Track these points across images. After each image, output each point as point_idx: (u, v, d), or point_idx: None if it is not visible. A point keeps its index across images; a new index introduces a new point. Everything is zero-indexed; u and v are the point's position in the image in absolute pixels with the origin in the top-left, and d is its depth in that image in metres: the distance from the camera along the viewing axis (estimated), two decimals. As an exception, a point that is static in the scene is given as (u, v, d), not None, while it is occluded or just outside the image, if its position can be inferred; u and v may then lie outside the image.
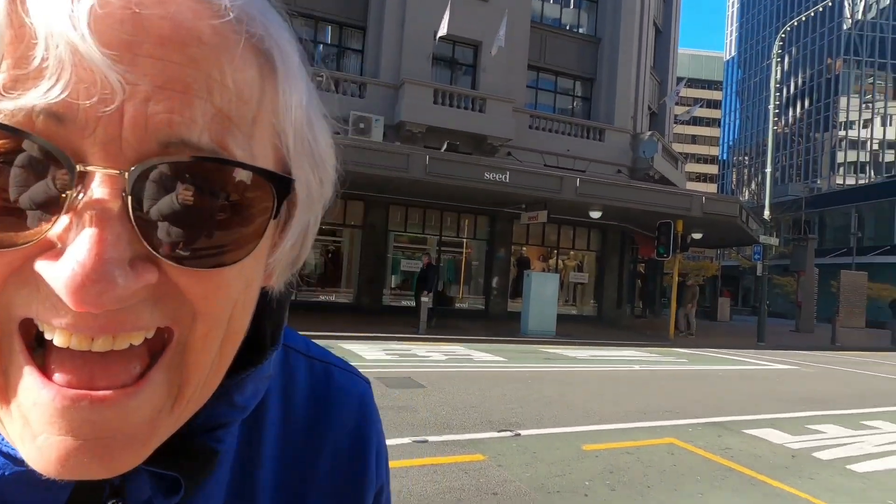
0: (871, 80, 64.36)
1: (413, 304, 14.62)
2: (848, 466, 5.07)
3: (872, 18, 64.19)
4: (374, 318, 14.78)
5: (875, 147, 64.35)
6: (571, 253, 20.55)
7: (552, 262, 19.89)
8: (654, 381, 9.07)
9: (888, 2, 63.39)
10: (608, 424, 5.90)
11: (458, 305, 18.45)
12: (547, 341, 13.34)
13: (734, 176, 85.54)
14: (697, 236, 19.10)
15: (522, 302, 14.68)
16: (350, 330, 12.09)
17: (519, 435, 5.27)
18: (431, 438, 4.92)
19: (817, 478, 4.72)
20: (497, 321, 16.90)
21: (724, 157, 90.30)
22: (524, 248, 19.67)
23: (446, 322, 15.25)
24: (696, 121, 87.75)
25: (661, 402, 7.28)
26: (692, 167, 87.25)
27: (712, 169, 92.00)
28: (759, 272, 17.97)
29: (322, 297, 16.80)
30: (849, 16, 64.53)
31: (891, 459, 5.37)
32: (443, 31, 16.00)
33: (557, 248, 19.92)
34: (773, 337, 18.71)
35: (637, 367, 10.36)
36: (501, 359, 10.17)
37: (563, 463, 4.56)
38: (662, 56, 24.95)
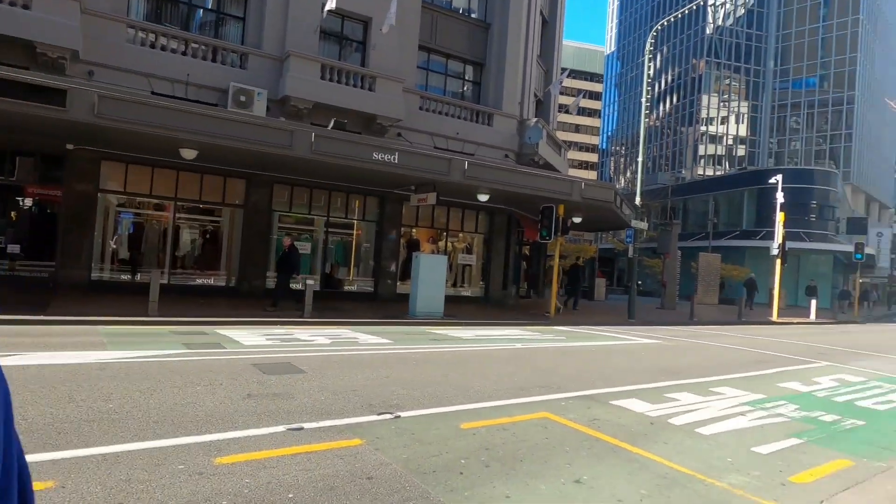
0: (727, 81, 71.20)
1: (299, 287, 14.15)
2: (697, 430, 5.59)
3: (730, 25, 70.82)
4: (256, 302, 14.14)
5: (730, 142, 71.50)
6: (460, 235, 20.91)
7: (441, 243, 20.13)
8: (534, 358, 9.47)
9: (742, 11, 70.25)
10: (487, 402, 6.05)
11: (347, 288, 18.16)
12: (435, 322, 13.50)
13: (612, 164, 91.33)
14: (578, 220, 20.17)
15: (411, 284, 14.72)
16: (229, 315, 11.47)
17: (399, 417, 5.25)
18: (308, 425, 4.76)
19: (671, 441, 5.15)
20: (386, 303, 16.85)
21: (604, 147, 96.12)
22: (414, 230, 19.72)
23: (334, 305, 14.95)
24: (580, 111, 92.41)
25: (538, 378, 7.61)
26: (575, 155, 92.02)
27: (593, 157, 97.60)
28: (630, 254, 19.33)
29: (199, 281, 15.80)
30: (711, 21, 70.72)
31: (733, 421, 5.99)
32: (331, 4, 15.41)
33: (447, 230, 20.18)
34: (642, 314, 20.30)
35: (519, 346, 10.77)
36: (388, 341, 10.13)
37: (440, 442, 4.60)
38: (548, 46, 25.86)
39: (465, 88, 21.79)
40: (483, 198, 16.94)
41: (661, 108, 78.28)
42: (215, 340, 8.87)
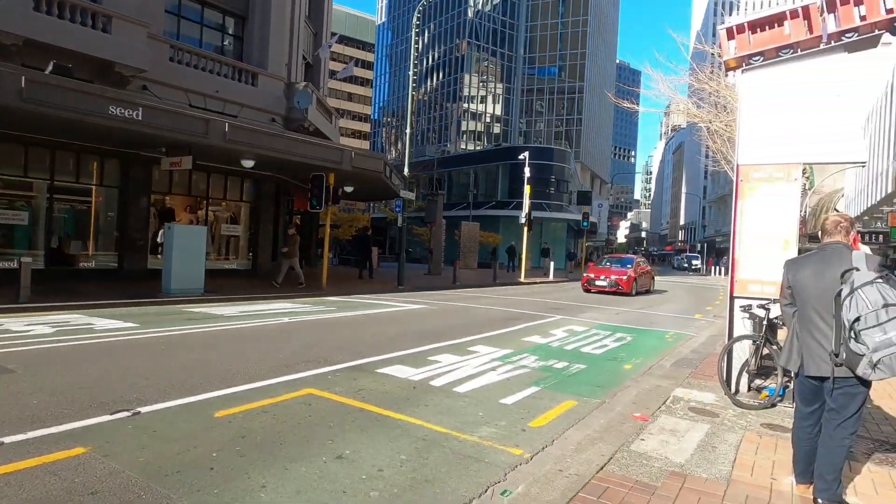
0: (486, 63, 77.48)
1: (12, 265, 11.58)
2: (454, 389, 5.98)
3: (489, 11, 76.83)
4: (-51, 286, 11.22)
5: (488, 120, 78.36)
6: (224, 204, 19.30)
7: (202, 213, 18.34)
8: (302, 332, 9.20)
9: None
10: (247, 384, 5.65)
11: (83, 265, 15.46)
12: (193, 300, 12.28)
13: (384, 135, 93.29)
14: (349, 189, 20.12)
15: (163, 258, 13.14)
16: None
17: (139, 414, 4.58)
18: (9, 439, 3.87)
19: (431, 403, 5.41)
20: (135, 282, 14.80)
21: (376, 117, 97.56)
22: (168, 198, 17.60)
23: (65, 286, 12.64)
24: (352, 79, 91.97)
25: (305, 353, 7.39)
26: (348, 123, 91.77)
27: (366, 127, 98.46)
28: (399, 223, 19.98)
29: None
30: (472, 4, 75.83)
31: (485, 377, 6.55)
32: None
33: (207, 198, 18.43)
34: (411, 280, 21.28)
35: (287, 320, 10.37)
36: (133, 325, 8.88)
37: (188, 438, 4.13)
38: (318, 7, 24.92)
39: (226, 43, 19.87)
40: (248, 164, 15.79)
41: (429, 82, 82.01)
42: None
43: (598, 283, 20.61)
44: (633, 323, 12.72)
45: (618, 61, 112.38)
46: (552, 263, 30.13)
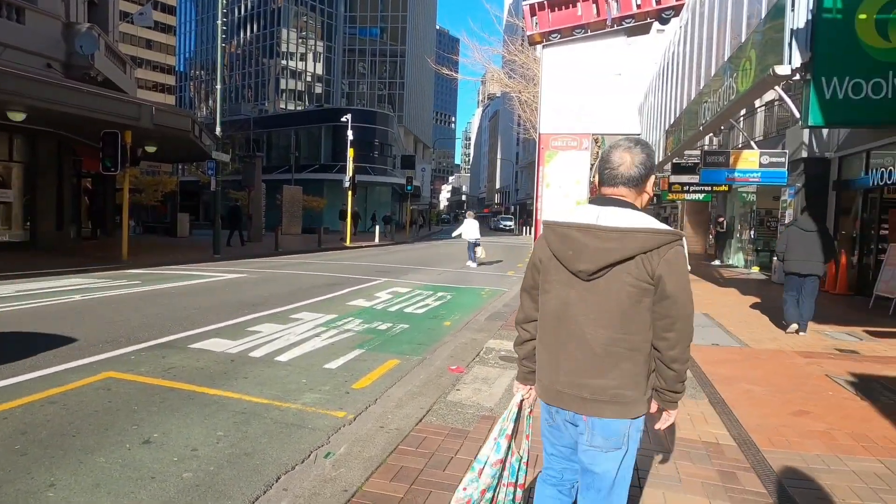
0: (305, 18, 73.89)
1: None
2: (276, 358, 5.83)
3: (306, -38, 72.86)
4: None
5: (309, 79, 75.29)
6: (-14, 164, 16.15)
7: (-45, 175, 15.16)
8: (99, 310, 8.20)
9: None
10: (28, 374, 4.92)
11: None
12: (-51, 280, 10.22)
13: (192, 89, 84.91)
14: (151, 150, 18.09)
15: None
16: None
17: None
18: None
19: (250, 375, 5.22)
20: None
21: (182, 69, 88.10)
22: None
23: None
24: (152, 24, 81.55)
25: (101, 333, 6.62)
26: (148, 75, 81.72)
27: (170, 79, 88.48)
28: (213, 187, 18.54)
29: None
30: (288, -47, 71.27)
31: (308, 344, 6.48)
32: None
33: (-38, 157, 15.25)
34: (228, 248, 20.00)
35: (78, 298, 9.14)
36: None
37: (-52, 442, 3.50)
38: (101, -64, 21.44)
39: (-24, -34, 16.26)
40: (17, 117, 13.34)
41: (243, 34, 76.08)
42: None
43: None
44: (453, 282, 13.44)
45: (438, 27, 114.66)
46: (378, 227, 30.40)
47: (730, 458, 3.55)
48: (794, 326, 7.60)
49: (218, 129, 19.16)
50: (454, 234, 18.62)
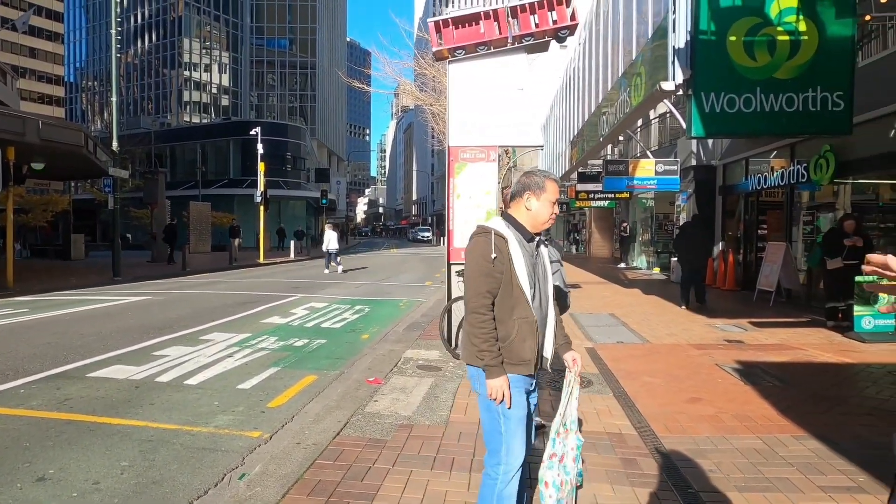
0: (209, 28, 71.20)
1: None
2: (185, 382, 5.59)
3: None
4: None
5: (215, 91, 72.49)
6: None
7: None
8: (-19, 342, 7.49)
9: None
10: None
11: None
12: None
13: (84, 101, 79.37)
14: (39, 167, 16.74)
15: None
16: None
17: None
18: None
19: (157, 401, 4.98)
20: None
21: (73, 80, 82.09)
22: None
23: None
24: (36, 31, 75.49)
25: (-14, 366, 6.07)
26: (34, 86, 75.64)
27: (59, 91, 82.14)
28: (110, 205, 17.42)
29: None
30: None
31: (220, 365, 6.26)
32: None
33: None
34: (131, 270, 18.83)
35: (-45, 330, 8.30)
36: None
37: None
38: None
39: None
40: None
41: (140, 44, 72.21)
42: None
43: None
44: (372, 295, 13.39)
45: (349, 40, 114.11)
46: (292, 242, 29.68)
47: (631, 447, 3.82)
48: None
49: (115, 144, 18.05)
50: (323, 248, 19.88)
